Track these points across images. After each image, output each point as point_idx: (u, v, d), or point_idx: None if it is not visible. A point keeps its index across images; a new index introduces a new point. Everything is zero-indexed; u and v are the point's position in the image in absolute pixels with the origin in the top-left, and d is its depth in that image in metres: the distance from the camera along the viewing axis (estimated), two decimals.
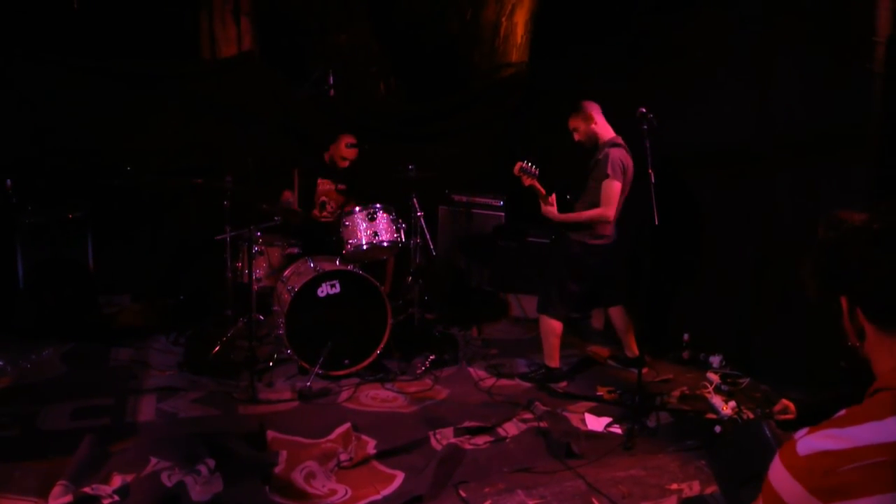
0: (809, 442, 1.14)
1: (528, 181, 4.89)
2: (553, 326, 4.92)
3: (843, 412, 1.18)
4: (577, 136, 4.94)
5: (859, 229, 1.29)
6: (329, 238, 5.56)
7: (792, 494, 1.12)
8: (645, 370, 4.77)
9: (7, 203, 5.69)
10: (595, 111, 4.88)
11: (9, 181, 5.74)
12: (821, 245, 1.34)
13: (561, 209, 4.85)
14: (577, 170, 5.04)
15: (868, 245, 1.26)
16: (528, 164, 4.87)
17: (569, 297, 4.91)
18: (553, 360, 4.99)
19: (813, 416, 2.88)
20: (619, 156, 4.70)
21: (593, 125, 4.86)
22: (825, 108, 4.62)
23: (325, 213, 6.07)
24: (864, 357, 1.31)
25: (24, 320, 5.57)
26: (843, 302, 1.31)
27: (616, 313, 5.22)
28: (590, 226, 4.77)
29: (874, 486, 1.06)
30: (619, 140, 4.81)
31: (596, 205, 4.71)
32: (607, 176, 4.64)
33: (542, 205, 4.88)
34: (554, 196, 4.86)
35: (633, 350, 5.24)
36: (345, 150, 5.98)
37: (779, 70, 4.92)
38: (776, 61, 4.94)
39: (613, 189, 4.65)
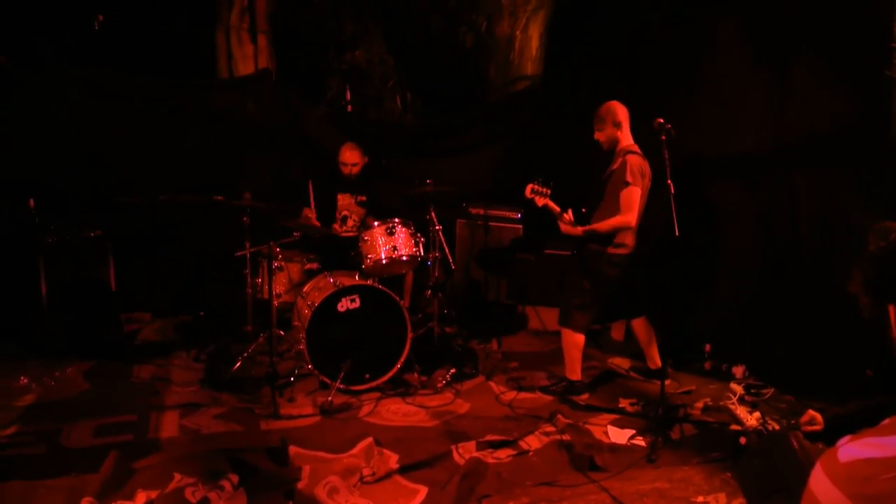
0: (850, 449, 1.15)
1: (541, 201, 4.88)
2: (575, 339, 4.90)
3: (886, 421, 1.18)
4: (597, 135, 4.89)
5: None
6: (348, 253, 5.58)
7: (832, 500, 1.12)
8: (668, 381, 4.73)
9: (29, 223, 5.76)
10: (623, 116, 4.83)
11: (31, 201, 5.82)
12: (870, 255, 1.34)
13: (577, 222, 4.84)
14: (592, 181, 5.03)
15: None
16: (539, 184, 4.86)
17: (591, 309, 4.88)
18: (574, 373, 4.97)
19: (840, 428, 2.86)
20: (638, 162, 4.68)
21: (618, 131, 4.82)
22: (843, 115, 4.60)
23: (346, 227, 6.10)
24: None
25: (47, 338, 5.61)
26: (892, 311, 1.31)
27: (639, 325, 5.18)
28: (611, 236, 4.75)
29: None
30: (636, 148, 4.80)
31: (616, 213, 4.70)
32: (627, 183, 4.62)
33: (561, 224, 4.86)
34: (570, 212, 4.85)
35: (655, 362, 5.20)
36: (344, 154, 6.02)
37: (796, 76, 4.90)
38: (793, 68, 4.92)
39: (634, 196, 4.63)
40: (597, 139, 4.92)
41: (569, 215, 4.84)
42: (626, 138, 4.85)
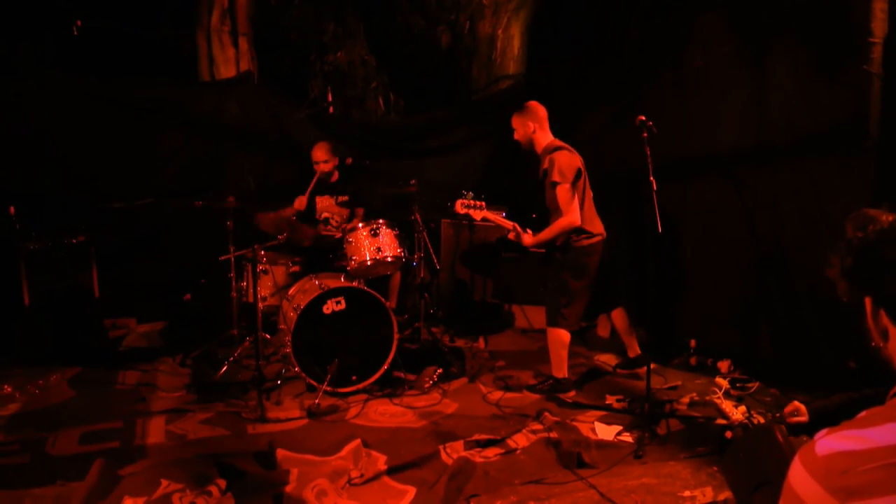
0: (828, 442, 1.15)
1: (478, 214, 4.90)
2: (561, 337, 4.90)
3: (863, 413, 1.19)
4: (515, 136, 4.95)
5: (886, 231, 1.29)
6: (333, 255, 5.57)
7: (810, 494, 1.12)
8: (653, 374, 4.74)
9: (11, 229, 5.71)
10: (534, 118, 4.86)
11: (12, 208, 5.76)
12: (847, 245, 1.34)
13: (532, 228, 4.86)
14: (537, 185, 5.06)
15: (893, 246, 1.26)
16: (468, 198, 4.87)
17: (577, 305, 4.89)
18: (561, 371, 4.97)
19: (825, 419, 2.88)
20: (564, 158, 4.70)
21: (531, 132, 4.86)
22: (823, 109, 4.63)
23: (329, 227, 6.08)
24: (887, 358, 1.30)
25: (30, 346, 5.57)
26: (868, 302, 1.31)
27: (617, 315, 5.20)
28: (575, 230, 4.77)
29: (891, 486, 1.06)
30: (559, 143, 4.82)
31: (558, 216, 4.72)
32: (556, 183, 4.64)
33: (510, 234, 4.91)
34: (515, 225, 4.88)
35: (635, 349, 5.23)
36: (315, 153, 5.98)
37: (776, 72, 4.93)
38: (773, 63, 4.95)
39: (566, 193, 4.65)
40: (516, 140, 4.96)
41: (517, 226, 4.88)
42: (546, 137, 4.88)
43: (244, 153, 7.02)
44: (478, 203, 4.89)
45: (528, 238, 4.86)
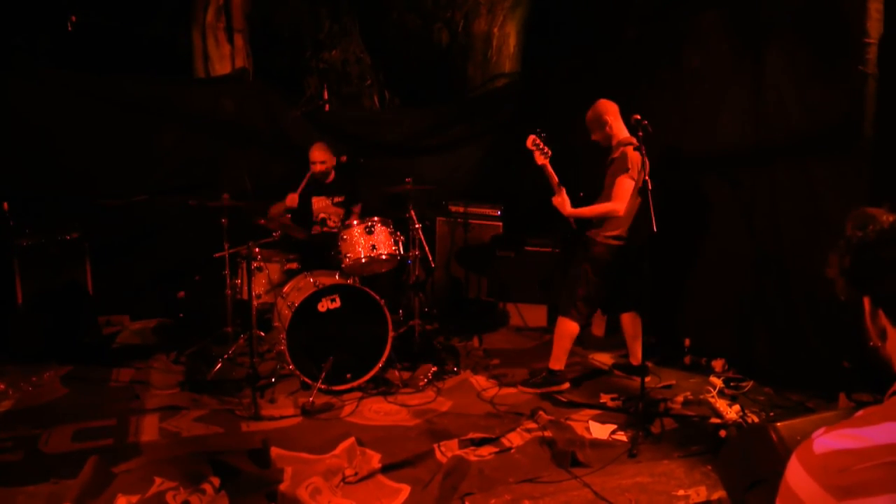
0: (826, 441, 1.15)
1: (540, 160, 4.84)
2: (571, 329, 4.90)
3: (861, 412, 1.19)
4: (593, 137, 4.95)
5: (886, 231, 1.28)
6: (328, 252, 5.56)
7: (807, 492, 1.12)
8: (648, 378, 4.75)
9: (4, 225, 5.69)
10: (608, 114, 4.86)
11: (5, 204, 5.74)
12: (846, 244, 1.33)
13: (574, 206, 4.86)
14: (577, 176, 5.05)
15: (893, 247, 1.26)
16: (541, 138, 4.83)
17: (594, 300, 4.90)
18: (559, 363, 4.97)
19: None
20: (637, 155, 4.69)
21: (607, 128, 4.85)
22: (820, 110, 4.63)
23: (326, 229, 6.07)
24: (885, 358, 1.30)
25: (23, 343, 5.55)
26: (866, 302, 1.31)
27: (628, 319, 5.18)
28: (610, 225, 4.77)
29: (888, 484, 1.07)
30: (634, 140, 4.82)
31: (608, 200, 4.72)
32: (624, 171, 4.65)
33: (555, 195, 4.87)
34: (563, 190, 4.86)
35: (637, 357, 5.22)
36: (313, 153, 5.96)
37: (773, 72, 4.93)
38: (770, 63, 4.95)
39: (626, 185, 4.66)
40: (595, 140, 4.96)
41: (563, 190, 4.86)
42: (622, 131, 4.87)
43: (239, 150, 7.01)
44: (546, 150, 4.84)
45: (568, 207, 4.84)
